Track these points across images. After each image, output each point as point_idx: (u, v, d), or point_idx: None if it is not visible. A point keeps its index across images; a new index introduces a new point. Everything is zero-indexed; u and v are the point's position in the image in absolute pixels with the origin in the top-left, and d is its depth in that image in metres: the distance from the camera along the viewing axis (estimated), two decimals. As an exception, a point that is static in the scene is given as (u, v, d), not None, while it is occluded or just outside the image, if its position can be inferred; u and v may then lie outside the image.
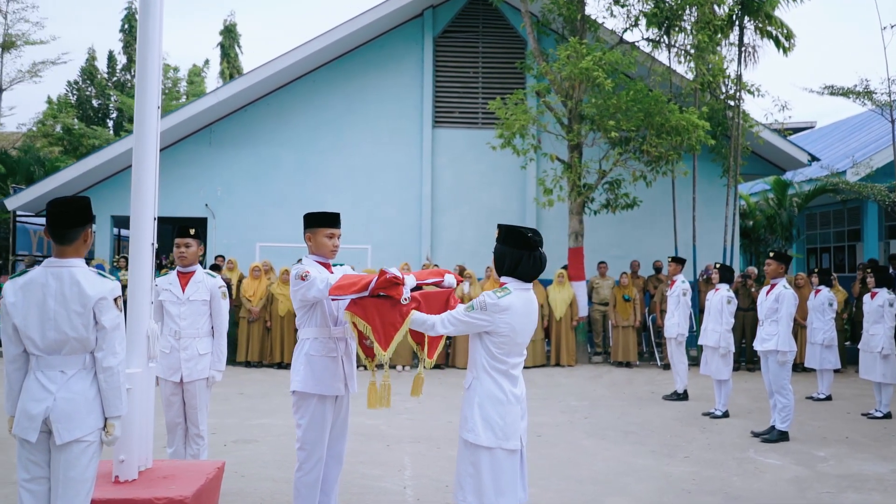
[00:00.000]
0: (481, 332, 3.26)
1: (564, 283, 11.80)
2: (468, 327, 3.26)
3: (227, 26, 32.67)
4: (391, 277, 3.45)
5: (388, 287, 3.47)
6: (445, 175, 14.22)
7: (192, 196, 13.81)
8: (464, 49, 14.35)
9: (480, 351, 3.29)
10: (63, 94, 29.27)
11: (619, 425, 7.24)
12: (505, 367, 3.27)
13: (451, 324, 3.33)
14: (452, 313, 3.33)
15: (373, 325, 3.53)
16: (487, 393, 3.26)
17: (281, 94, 14.04)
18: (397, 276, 3.47)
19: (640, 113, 10.39)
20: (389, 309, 3.51)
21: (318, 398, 3.76)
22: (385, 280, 3.46)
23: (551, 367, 11.47)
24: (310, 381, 3.75)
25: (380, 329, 3.52)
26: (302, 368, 3.78)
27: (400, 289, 3.46)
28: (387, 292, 3.49)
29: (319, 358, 3.77)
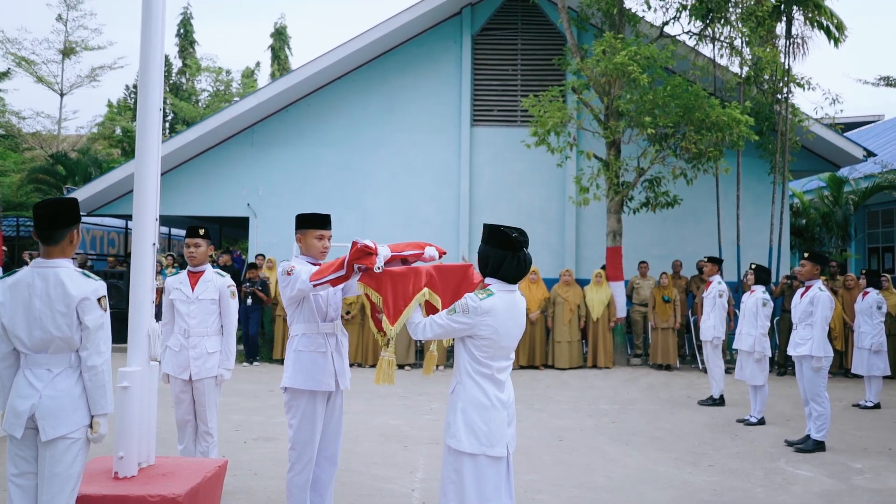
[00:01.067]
0: (464, 336, 3.18)
1: (602, 284, 11.56)
2: (449, 331, 3.19)
3: (277, 29, 33.29)
4: (362, 247, 3.41)
5: (362, 257, 3.43)
6: (484, 174, 14.12)
7: (235, 196, 14.09)
8: (502, 46, 14.22)
9: (464, 355, 3.21)
10: (122, 98, 30.34)
11: (646, 430, 7.03)
12: (489, 372, 3.17)
13: (431, 329, 3.26)
14: (434, 317, 3.25)
15: (384, 296, 3.46)
16: (471, 398, 3.17)
17: (321, 94, 14.18)
18: (368, 245, 3.42)
19: (679, 108, 10.07)
20: (402, 281, 3.43)
21: (308, 395, 3.75)
22: (357, 250, 3.42)
23: (588, 368, 11.26)
24: (298, 377, 3.74)
25: (390, 302, 3.44)
26: (291, 364, 3.78)
27: (373, 258, 3.43)
28: (361, 262, 3.44)
29: (308, 353, 3.76)
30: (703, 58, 11.95)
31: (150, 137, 4.01)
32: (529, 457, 5.96)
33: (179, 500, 3.58)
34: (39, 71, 22.30)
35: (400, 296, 3.40)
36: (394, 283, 3.42)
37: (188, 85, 31.74)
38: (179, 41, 32.89)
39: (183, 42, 32.70)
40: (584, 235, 13.97)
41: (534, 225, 14.02)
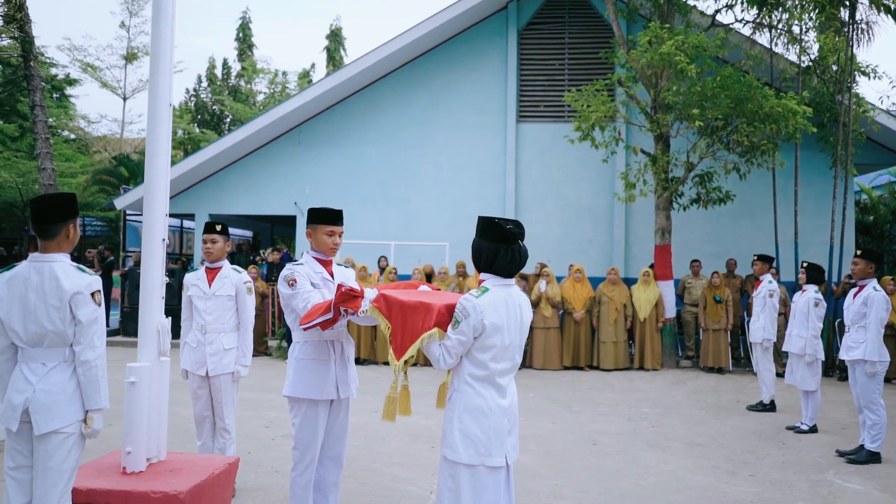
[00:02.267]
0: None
1: (650, 283, 11.17)
2: (462, 346, 2.95)
3: (332, 30, 33.70)
4: (347, 290, 3.29)
5: (347, 301, 3.31)
6: (530, 170, 13.88)
7: (282, 194, 14.27)
8: (549, 40, 13.95)
9: (463, 359, 3.01)
10: (183, 101, 31.28)
11: (686, 436, 6.71)
12: (487, 374, 2.98)
13: (447, 356, 2.99)
14: (444, 342, 2.99)
15: (393, 327, 3.23)
16: (468, 405, 2.98)
17: (366, 93, 14.21)
18: (354, 288, 3.31)
19: (729, 100, 9.61)
20: (413, 315, 3.15)
21: (308, 401, 3.66)
22: (342, 294, 3.30)
23: (634, 370, 10.90)
24: (298, 386, 3.66)
25: (398, 335, 3.19)
26: (291, 373, 3.71)
27: (358, 301, 3.30)
28: (346, 306, 3.32)
29: (308, 362, 3.67)
30: (759, 47, 11.41)
31: (159, 135, 4.01)
32: (558, 461, 5.77)
33: (181, 497, 3.55)
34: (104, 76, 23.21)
35: (408, 331, 3.16)
36: (403, 316, 3.19)
37: (246, 88, 32.46)
38: (238, 45, 33.69)
39: (241, 46, 33.49)
40: (634, 233, 13.57)
41: (581, 222, 13.73)
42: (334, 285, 3.78)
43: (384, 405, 3.26)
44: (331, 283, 3.78)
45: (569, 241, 13.76)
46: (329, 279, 3.79)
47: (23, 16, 11.58)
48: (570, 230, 13.79)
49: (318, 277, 3.74)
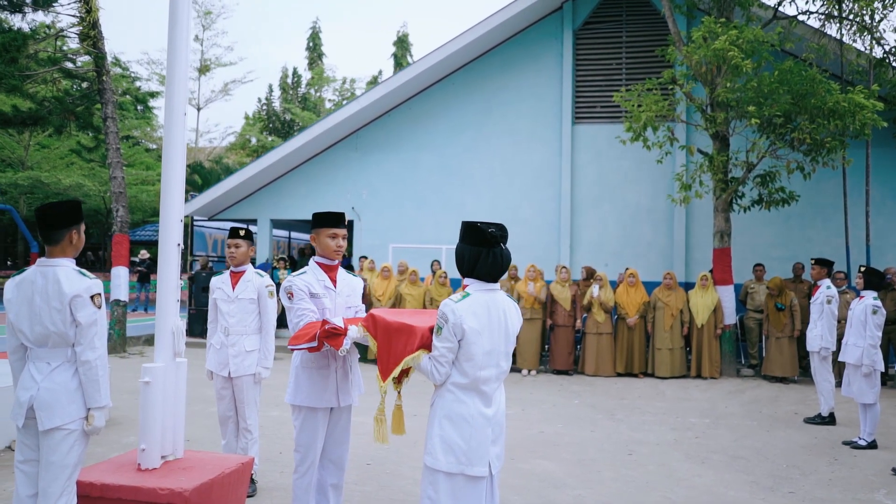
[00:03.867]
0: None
1: (708, 288, 10.76)
2: (450, 352, 2.90)
3: (399, 37, 34.14)
4: (330, 328, 3.31)
5: (329, 337, 3.32)
6: (586, 172, 13.63)
7: (340, 199, 14.52)
8: (606, 40, 13.66)
9: None
10: (257, 110, 32.38)
11: (731, 449, 6.41)
12: (470, 381, 2.93)
13: (437, 367, 2.94)
14: (432, 354, 2.95)
15: (380, 346, 3.23)
16: (448, 412, 2.94)
17: (421, 98, 14.31)
18: (337, 326, 3.32)
19: (789, 95, 9.14)
20: (397, 338, 3.13)
21: (307, 408, 3.70)
22: (324, 331, 3.32)
23: (690, 378, 10.51)
24: (298, 394, 3.71)
25: (384, 356, 3.19)
26: (292, 380, 3.77)
27: (340, 339, 3.31)
28: (328, 342, 3.34)
29: (307, 370, 3.71)
30: (826, 38, 10.81)
31: (175, 141, 4.13)
32: (587, 470, 5.62)
33: (186, 494, 3.64)
34: (180, 88, 24.27)
35: (393, 353, 3.15)
36: (388, 338, 3.18)
37: (316, 96, 33.30)
38: (309, 54, 34.60)
39: (312, 55, 34.37)
40: (695, 236, 13.10)
41: (640, 226, 13.37)
42: (336, 294, 3.81)
43: (374, 426, 3.26)
44: (332, 291, 3.80)
45: (626, 245, 13.43)
46: (331, 288, 3.81)
47: (96, 33, 12.24)
48: (628, 233, 13.45)
49: (320, 286, 3.76)
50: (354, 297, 3.97)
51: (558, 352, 10.82)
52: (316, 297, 3.71)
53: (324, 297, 3.74)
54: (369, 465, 5.61)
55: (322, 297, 3.73)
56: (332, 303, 3.79)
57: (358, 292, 4.01)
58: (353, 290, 3.98)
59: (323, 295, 3.74)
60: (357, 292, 4.01)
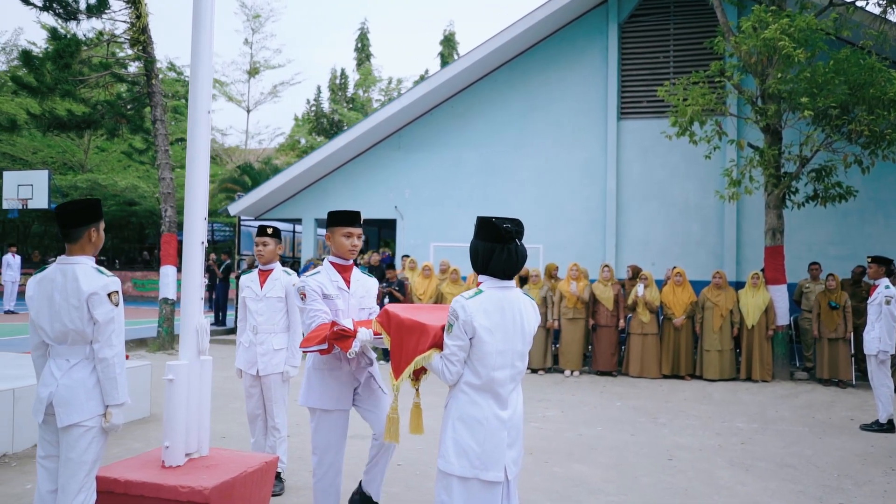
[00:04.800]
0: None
1: (759, 287, 10.34)
2: (461, 350, 2.80)
3: (446, 36, 34.11)
4: (339, 330, 3.24)
5: (338, 339, 3.25)
6: (632, 169, 13.31)
7: (383, 199, 14.55)
8: (652, 33, 13.32)
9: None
10: (306, 111, 32.84)
11: (778, 456, 6.12)
12: (484, 382, 2.81)
13: (449, 365, 2.84)
14: (444, 352, 2.86)
15: (392, 343, 3.17)
16: (462, 414, 2.83)
17: (463, 96, 14.21)
18: (346, 328, 3.25)
19: (845, 85, 8.70)
20: (409, 336, 3.06)
21: (320, 410, 3.65)
22: (333, 333, 3.25)
23: (740, 381, 10.13)
24: (310, 396, 3.67)
25: (397, 354, 3.12)
26: (304, 382, 3.73)
27: (349, 341, 3.26)
28: (337, 344, 3.27)
29: (318, 371, 3.66)
30: (887, 24, 10.25)
31: (199, 140, 4.13)
32: (624, 476, 5.43)
33: (206, 492, 3.64)
34: (230, 91, 24.81)
35: (405, 351, 3.08)
36: (400, 335, 3.11)
37: (364, 97, 33.55)
38: (357, 55, 34.89)
39: (360, 56, 34.65)
40: (747, 234, 12.66)
41: (688, 223, 12.99)
42: (349, 295, 3.74)
43: (386, 424, 3.19)
44: (346, 293, 3.74)
45: (674, 243, 13.06)
46: (345, 289, 3.75)
47: (146, 38, 12.53)
48: (676, 231, 13.08)
49: (333, 287, 3.71)
50: (368, 299, 3.90)
51: (601, 352, 10.57)
52: (329, 298, 3.66)
53: (336, 299, 3.68)
54: (399, 466, 5.55)
55: (335, 299, 3.67)
56: (346, 304, 3.72)
57: (372, 293, 3.94)
58: (367, 292, 3.90)
59: (336, 296, 3.68)
60: (371, 293, 3.93)
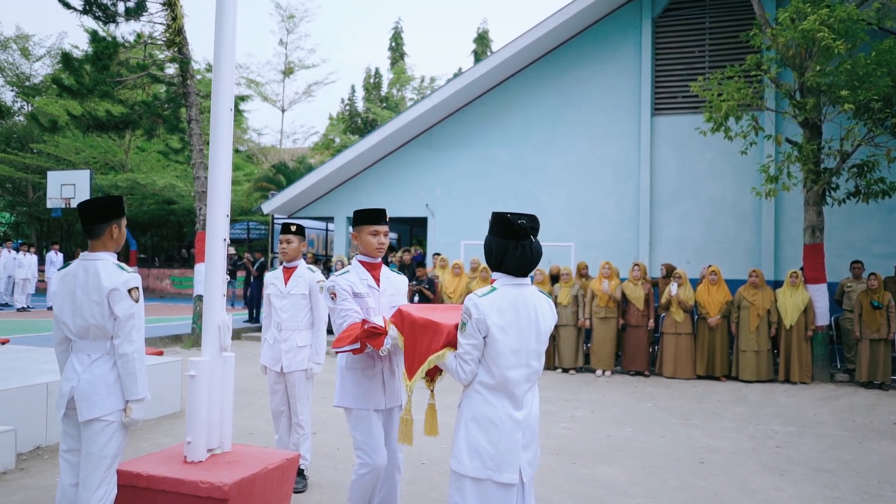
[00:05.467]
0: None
1: (798, 286, 10.06)
2: (475, 349, 2.75)
3: (479, 34, 33.99)
4: (370, 328, 3.20)
5: (370, 337, 3.22)
6: (667, 166, 13.08)
7: (414, 197, 14.56)
8: (687, 27, 13.06)
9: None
10: (340, 111, 33.07)
11: (815, 460, 5.92)
12: (498, 382, 2.76)
13: (463, 365, 2.79)
14: (458, 351, 2.82)
15: (406, 343, 3.14)
16: (476, 414, 2.78)
17: (495, 93, 14.13)
18: (377, 326, 3.21)
19: (889, 77, 8.39)
20: (422, 335, 3.02)
21: (356, 409, 3.63)
22: (364, 331, 3.21)
23: (778, 383, 9.86)
24: (345, 396, 3.64)
25: (410, 353, 3.09)
26: (338, 382, 3.70)
27: (381, 339, 3.21)
28: (369, 342, 3.24)
29: (353, 371, 3.63)
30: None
31: (221, 138, 4.16)
32: (652, 478, 5.31)
33: (225, 488, 3.66)
34: (265, 91, 25.10)
35: (418, 351, 3.04)
36: (414, 335, 3.07)
37: (398, 96, 33.64)
38: (391, 54, 35.00)
39: (394, 55, 34.76)
40: (786, 232, 12.33)
41: (724, 221, 12.72)
42: (380, 293, 3.72)
43: (400, 426, 3.15)
44: (376, 290, 3.71)
45: (710, 241, 12.79)
46: (375, 287, 3.72)
47: (181, 39, 12.72)
48: (712, 229, 12.81)
49: (364, 285, 3.68)
50: (399, 297, 3.87)
51: (631, 352, 10.41)
52: (359, 296, 3.63)
53: (367, 297, 3.65)
54: (424, 465, 5.52)
55: (366, 297, 3.64)
56: (376, 302, 3.69)
57: (402, 291, 3.91)
58: (397, 289, 3.87)
59: (366, 294, 3.65)
60: (401, 291, 3.90)
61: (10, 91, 26.78)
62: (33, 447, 5.62)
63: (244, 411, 7.30)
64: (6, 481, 4.89)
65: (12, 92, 26.68)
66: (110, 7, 12.59)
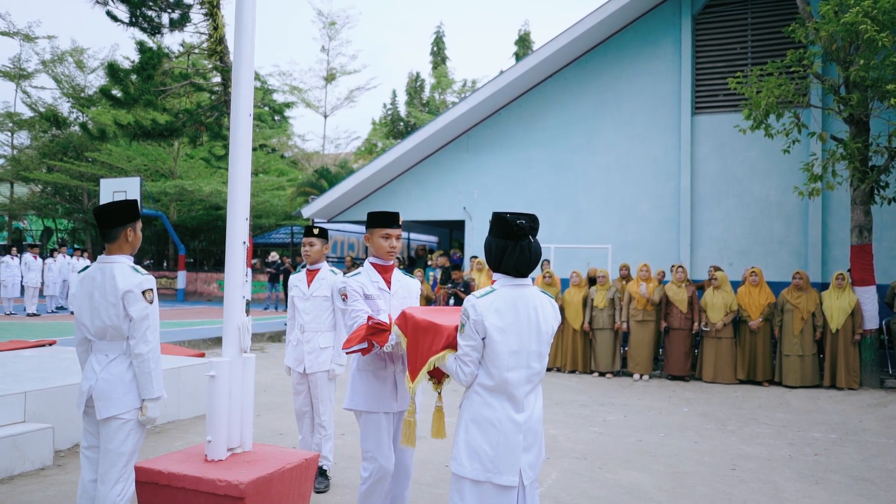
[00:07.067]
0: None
1: (845, 288, 9.70)
2: (474, 350, 2.73)
3: (521, 36, 33.87)
4: (374, 324, 3.22)
5: (375, 334, 3.23)
6: (708, 166, 12.80)
7: (452, 200, 14.58)
8: (728, 23, 12.76)
9: None
10: (383, 116, 33.37)
11: (855, 469, 5.70)
12: (498, 384, 2.73)
13: (462, 366, 2.77)
14: (457, 353, 2.80)
15: (409, 345, 3.12)
16: (475, 415, 2.76)
17: (532, 94, 14.06)
18: (381, 322, 3.22)
19: (938, 70, 8.04)
20: (423, 337, 3.01)
21: (366, 412, 3.64)
22: (369, 327, 3.23)
23: (823, 388, 9.53)
24: (355, 398, 3.66)
25: (412, 355, 3.07)
26: (349, 384, 3.73)
27: (385, 336, 3.22)
28: (374, 339, 3.24)
29: (364, 374, 3.65)
30: None
31: (241, 142, 4.23)
32: (681, 484, 5.19)
33: (241, 487, 3.71)
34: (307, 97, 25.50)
35: (420, 352, 3.02)
36: (416, 336, 3.06)
37: (440, 100, 33.76)
38: (433, 58, 35.15)
39: (436, 59, 34.90)
40: (834, 232, 11.92)
41: (769, 221, 12.37)
42: (391, 296, 3.73)
43: (402, 428, 3.16)
44: (387, 293, 3.72)
45: (754, 243, 12.46)
46: (386, 290, 3.73)
47: (222, 48, 13.05)
48: (756, 230, 12.47)
49: (374, 287, 3.70)
50: (410, 299, 3.87)
51: (673, 356, 10.19)
52: (370, 298, 3.65)
53: (378, 299, 3.67)
54: (447, 468, 5.50)
55: (376, 299, 3.66)
56: (387, 304, 3.71)
57: (414, 293, 3.91)
58: (408, 292, 3.87)
59: (377, 296, 3.67)
60: (413, 293, 3.90)
61: (67, 102, 27.84)
62: (71, 444, 5.82)
63: (277, 412, 7.42)
64: (43, 476, 5.08)
65: (68, 103, 27.74)
66: (155, 19, 13.00)
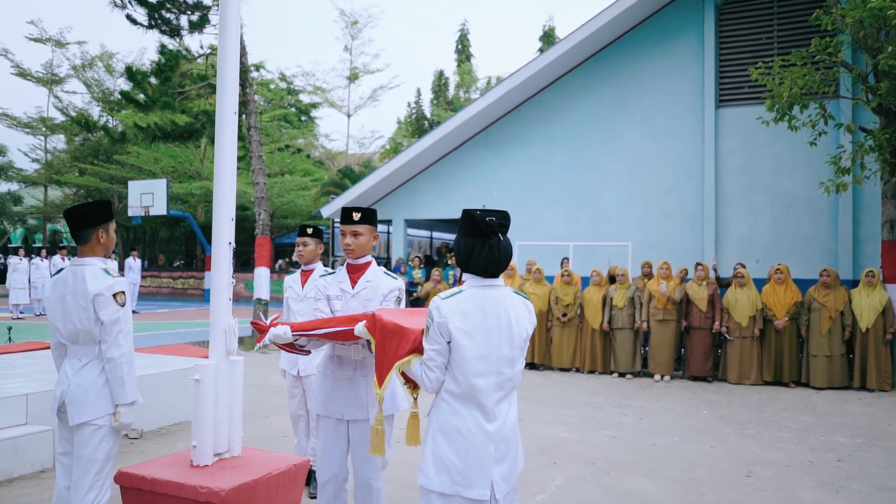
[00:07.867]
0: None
1: (875, 286, 9.31)
2: (439, 355, 2.57)
3: (545, 31, 33.52)
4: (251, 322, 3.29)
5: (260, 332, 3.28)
6: (733, 160, 12.44)
7: (471, 198, 14.41)
8: (754, 12, 12.37)
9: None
10: (407, 114, 33.33)
11: (879, 477, 5.41)
12: (466, 391, 2.57)
13: (428, 372, 2.62)
14: (423, 358, 2.65)
15: (377, 348, 2.95)
16: (443, 424, 2.60)
17: (551, 91, 13.82)
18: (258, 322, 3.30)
19: (971, 57, 7.64)
20: (390, 340, 2.85)
21: (317, 415, 3.55)
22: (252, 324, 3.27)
23: (853, 390, 9.16)
24: (315, 400, 3.56)
25: (380, 360, 2.91)
26: (313, 385, 3.63)
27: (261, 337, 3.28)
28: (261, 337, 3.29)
29: (322, 375, 3.55)
30: None
31: (226, 141, 4.14)
32: (691, 492, 4.98)
33: (222, 493, 3.62)
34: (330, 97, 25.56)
35: (386, 357, 2.86)
36: (383, 340, 2.89)
37: (465, 97, 33.58)
38: (457, 56, 35.00)
39: (460, 57, 34.74)
40: (866, 228, 11.49)
41: (797, 217, 11.98)
42: (351, 297, 3.59)
43: (370, 437, 3.02)
44: (348, 294, 3.59)
45: (781, 239, 12.07)
46: (348, 290, 3.59)
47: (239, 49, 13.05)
48: (783, 226, 12.08)
49: (337, 288, 3.60)
50: (374, 302, 3.63)
51: (694, 356, 9.90)
52: (331, 298, 3.57)
53: (337, 300, 3.57)
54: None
55: (335, 300, 3.56)
56: (344, 306, 3.58)
57: (381, 293, 3.66)
58: (375, 293, 3.62)
59: (337, 297, 3.57)
60: (379, 294, 3.65)
61: (97, 106, 28.32)
62: (74, 446, 5.80)
63: (285, 413, 7.35)
64: (42, 479, 5.06)
65: (98, 107, 28.21)
66: (173, 21, 13.08)
